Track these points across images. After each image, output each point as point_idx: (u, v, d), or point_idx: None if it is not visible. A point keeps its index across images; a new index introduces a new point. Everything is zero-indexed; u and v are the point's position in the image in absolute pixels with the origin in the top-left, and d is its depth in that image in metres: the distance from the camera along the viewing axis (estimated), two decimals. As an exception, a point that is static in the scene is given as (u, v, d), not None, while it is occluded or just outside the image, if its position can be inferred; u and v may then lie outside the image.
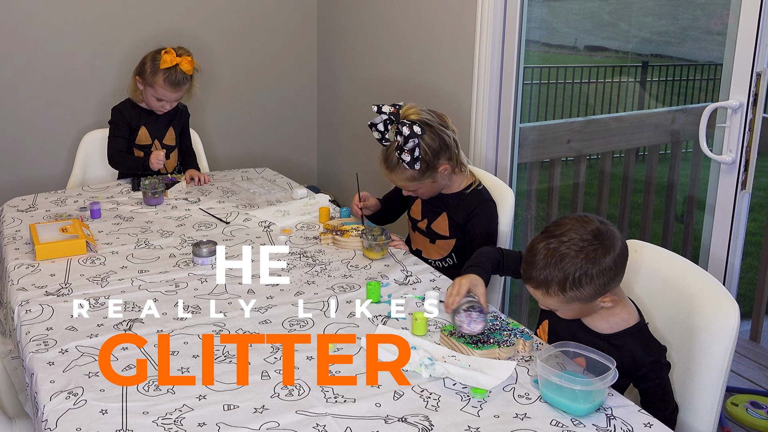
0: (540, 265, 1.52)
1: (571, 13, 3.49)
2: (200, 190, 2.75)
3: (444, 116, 2.18)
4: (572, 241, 1.50)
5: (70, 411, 1.38)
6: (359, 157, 3.94)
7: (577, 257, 1.49)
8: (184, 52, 2.74)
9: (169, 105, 2.80)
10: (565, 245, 1.50)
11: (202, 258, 2.05)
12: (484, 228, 2.20)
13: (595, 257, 1.49)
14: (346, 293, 1.90)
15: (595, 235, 1.51)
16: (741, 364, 2.84)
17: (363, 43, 3.76)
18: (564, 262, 1.49)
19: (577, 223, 1.53)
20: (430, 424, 1.37)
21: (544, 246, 1.52)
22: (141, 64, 2.76)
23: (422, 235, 2.33)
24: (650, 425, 1.38)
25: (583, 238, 1.50)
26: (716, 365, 1.56)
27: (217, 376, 1.51)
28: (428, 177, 2.15)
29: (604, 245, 1.50)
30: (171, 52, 2.69)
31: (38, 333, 1.66)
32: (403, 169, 2.12)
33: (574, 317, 1.62)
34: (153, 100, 2.77)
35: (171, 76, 2.70)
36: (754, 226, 3.25)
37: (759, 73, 2.01)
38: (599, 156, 3.25)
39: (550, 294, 1.53)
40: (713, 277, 1.67)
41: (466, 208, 2.22)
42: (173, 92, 2.74)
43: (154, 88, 2.73)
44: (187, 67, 2.72)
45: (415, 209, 2.35)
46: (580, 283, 1.49)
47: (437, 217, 2.27)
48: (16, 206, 2.53)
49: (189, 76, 2.76)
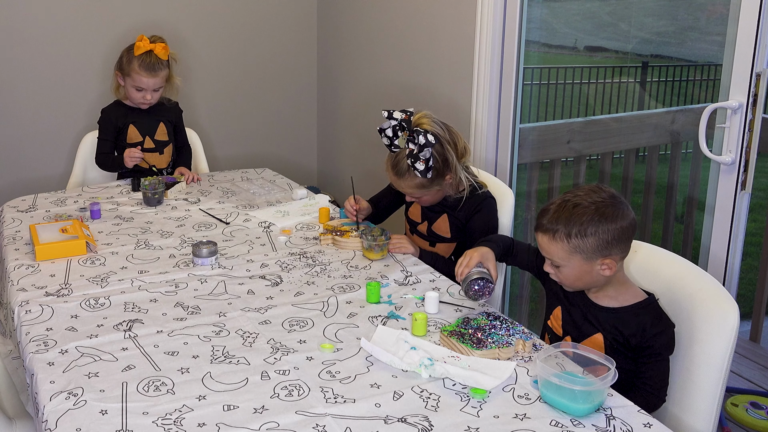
0: (552, 211, 1.63)
1: (571, 14, 3.49)
2: (200, 190, 2.75)
3: (451, 128, 2.19)
4: (589, 196, 1.61)
5: (70, 411, 1.38)
6: (359, 157, 3.94)
7: (589, 208, 1.58)
8: (158, 39, 2.79)
9: (150, 95, 2.81)
10: (581, 198, 1.61)
11: (202, 258, 2.05)
12: (485, 224, 2.22)
13: (605, 213, 1.58)
14: (346, 293, 1.90)
15: (611, 196, 1.61)
16: (741, 365, 2.84)
17: (363, 43, 3.76)
18: (576, 209, 1.59)
19: (596, 188, 1.64)
20: (429, 425, 1.37)
21: (561, 198, 1.64)
22: (119, 58, 2.83)
23: (422, 239, 2.33)
24: (650, 425, 1.38)
25: (600, 197, 1.60)
26: (716, 365, 1.56)
27: (217, 376, 1.51)
28: (436, 185, 2.16)
29: (616, 207, 1.59)
30: (144, 39, 2.76)
31: (38, 333, 1.66)
32: (413, 176, 2.13)
33: (575, 282, 1.67)
34: (133, 91, 2.80)
35: (145, 61, 2.74)
36: (754, 226, 3.25)
37: (758, 74, 2.01)
38: (599, 156, 3.26)
39: (555, 240, 1.61)
40: (713, 277, 1.67)
41: (468, 205, 2.22)
42: (149, 77, 2.77)
43: (131, 76, 2.77)
44: (161, 52, 2.77)
45: (413, 211, 2.35)
46: (585, 233, 1.57)
47: (437, 219, 2.27)
48: (16, 206, 2.53)
49: (164, 61, 2.80)
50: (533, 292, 3.26)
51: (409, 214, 2.37)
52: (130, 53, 2.77)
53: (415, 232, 2.35)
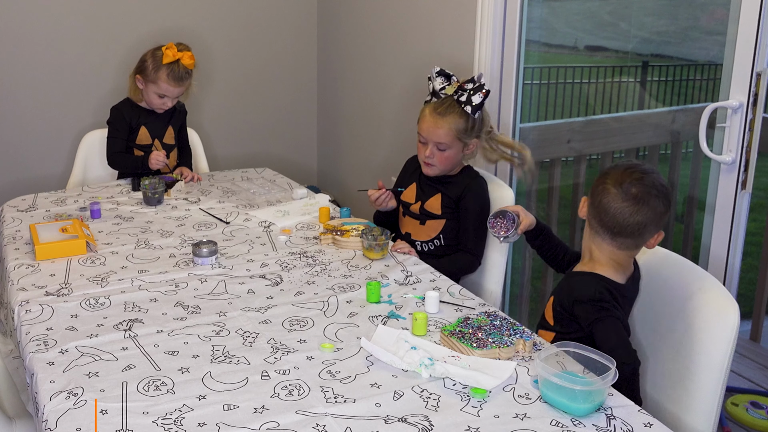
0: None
1: (571, 13, 3.49)
2: (200, 189, 2.75)
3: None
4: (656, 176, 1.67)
5: (70, 411, 1.38)
6: (359, 157, 3.94)
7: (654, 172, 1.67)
8: (185, 48, 2.76)
9: (171, 102, 2.81)
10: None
11: (202, 258, 2.05)
12: (479, 201, 2.29)
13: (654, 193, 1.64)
14: (346, 293, 1.90)
15: (666, 192, 1.66)
16: (741, 364, 2.84)
17: (363, 43, 3.76)
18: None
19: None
20: (430, 424, 1.37)
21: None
22: (141, 62, 2.78)
23: (412, 218, 2.37)
24: (650, 425, 1.38)
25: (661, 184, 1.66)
26: (716, 365, 1.56)
27: (217, 375, 1.51)
28: (467, 138, 2.24)
29: (657, 203, 1.64)
30: (172, 47, 2.72)
31: (38, 333, 1.66)
32: (457, 115, 2.21)
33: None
34: (155, 97, 2.78)
35: (174, 71, 2.72)
36: (754, 226, 3.25)
37: (759, 73, 2.01)
38: (599, 156, 3.25)
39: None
40: (713, 277, 1.67)
41: (460, 184, 2.31)
42: (176, 87, 2.75)
43: (157, 84, 2.74)
44: (189, 62, 2.74)
45: (408, 194, 2.39)
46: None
47: (430, 198, 2.33)
48: (16, 206, 2.53)
49: (190, 71, 2.78)
50: (533, 292, 3.26)
51: (403, 196, 2.39)
52: (156, 60, 2.72)
53: (407, 213, 2.39)
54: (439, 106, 2.24)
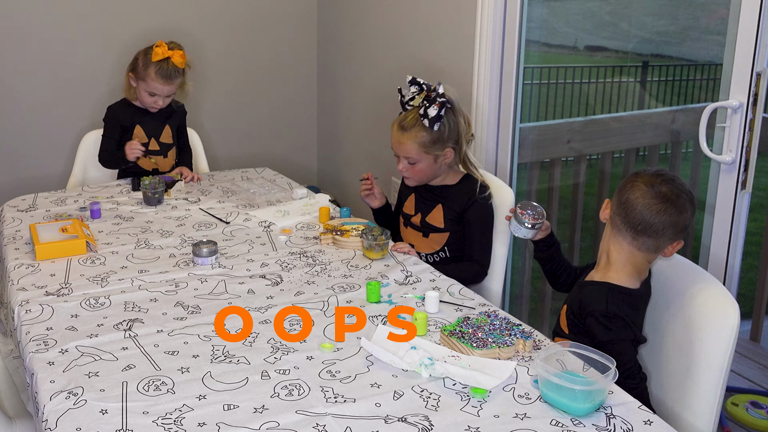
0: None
1: (571, 13, 3.49)
2: (200, 189, 2.75)
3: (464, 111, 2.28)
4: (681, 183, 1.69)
5: (70, 411, 1.38)
6: (359, 157, 3.94)
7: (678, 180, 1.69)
8: (176, 46, 2.76)
9: (162, 101, 2.81)
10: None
11: (202, 258, 2.05)
12: (484, 213, 2.25)
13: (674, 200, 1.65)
14: (346, 293, 1.90)
15: (692, 199, 1.67)
16: (741, 364, 2.84)
17: (363, 43, 3.76)
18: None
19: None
20: (430, 424, 1.37)
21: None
22: (134, 60, 2.80)
23: (415, 230, 2.34)
24: (650, 422, 1.38)
25: (688, 191, 1.67)
26: (716, 365, 1.56)
27: (217, 375, 1.51)
28: (436, 150, 2.19)
29: (684, 207, 1.65)
30: (163, 45, 2.73)
31: (38, 333, 1.66)
32: (418, 129, 2.17)
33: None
34: (146, 95, 2.78)
35: (162, 69, 2.72)
36: (754, 226, 3.25)
37: (759, 73, 2.01)
38: (599, 156, 3.25)
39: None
40: (713, 277, 1.67)
41: (461, 195, 2.26)
42: (164, 85, 2.75)
43: (146, 81, 2.74)
44: (179, 60, 2.74)
45: (408, 205, 2.37)
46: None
47: (432, 210, 2.30)
48: (16, 206, 2.53)
49: (180, 69, 2.78)
50: (533, 292, 3.26)
51: (404, 207, 2.38)
52: (147, 58, 2.73)
53: (408, 225, 2.36)
54: (403, 119, 2.21)
